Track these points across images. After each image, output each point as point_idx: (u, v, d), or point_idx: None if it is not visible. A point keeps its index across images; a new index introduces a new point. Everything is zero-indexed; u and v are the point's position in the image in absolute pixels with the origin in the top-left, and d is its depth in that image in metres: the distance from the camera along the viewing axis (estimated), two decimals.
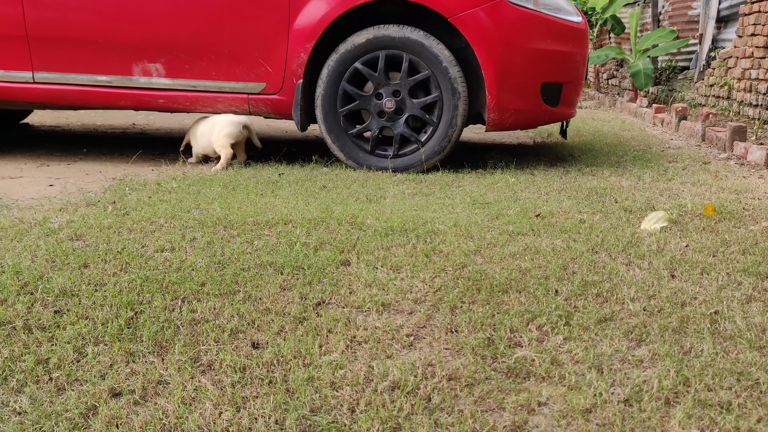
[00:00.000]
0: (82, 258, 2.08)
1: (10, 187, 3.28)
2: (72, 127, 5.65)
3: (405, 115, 3.85)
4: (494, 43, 3.75)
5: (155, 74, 3.87)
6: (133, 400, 1.36)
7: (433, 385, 1.44)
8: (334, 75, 3.82)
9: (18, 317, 1.68)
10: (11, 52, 3.86)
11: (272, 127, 5.99)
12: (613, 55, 8.36)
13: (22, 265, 2.00)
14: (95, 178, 3.57)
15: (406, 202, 3.06)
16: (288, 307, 1.79)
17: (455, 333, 1.69)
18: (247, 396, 1.38)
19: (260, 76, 3.86)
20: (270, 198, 3.04)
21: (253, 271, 2.02)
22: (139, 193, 3.07)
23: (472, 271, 2.09)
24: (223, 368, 1.48)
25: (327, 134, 3.89)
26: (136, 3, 3.79)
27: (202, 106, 3.95)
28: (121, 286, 1.88)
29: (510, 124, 3.95)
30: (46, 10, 3.81)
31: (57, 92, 3.91)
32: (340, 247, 2.29)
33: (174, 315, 1.72)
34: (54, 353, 1.51)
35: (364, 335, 1.66)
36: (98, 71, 3.88)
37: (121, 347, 1.55)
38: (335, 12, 3.75)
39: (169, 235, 2.34)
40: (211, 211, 2.71)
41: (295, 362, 1.51)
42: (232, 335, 1.63)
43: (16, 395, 1.36)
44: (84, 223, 2.46)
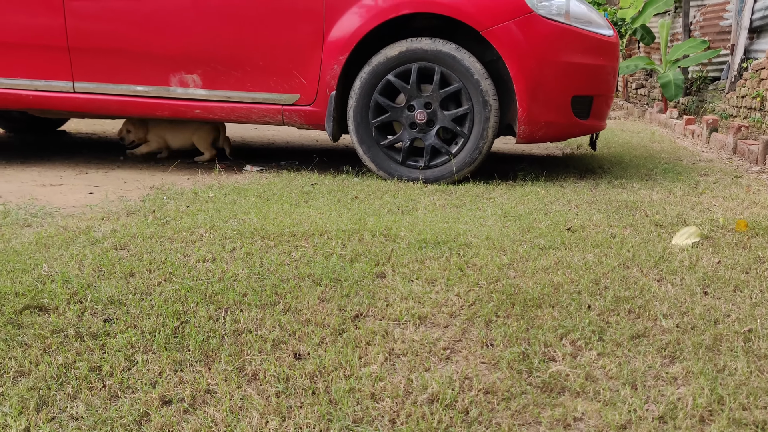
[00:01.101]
0: (127, 267, 2.15)
1: (52, 195, 3.37)
2: (108, 134, 5.77)
3: (436, 127, 3.89)
4: (526, 56, 3.78)
5: (192, 85, 3.96)
6: (182, 408, 1.42)
7: (470, 398, 1.48)
8: (367, 87, 3.88)
9: (69, 325, 1.75)
10: (53, 63, 3.97)
11: (303, 136, 6.07)
12: (643, 65, 8.33)
13: (71, 274, 2.08)
14: (133, 186, 3.66)
15: (438, 214, 3.10)
16: (327, 319, 1.84)
17: (491, 347, 1.73)
18: (291, 406, 1.43)
19: (294, 87, 3.94)
20: (304, 208, 3.10)
21: (292, 283, 2.08)
22: (177, 202, 3.14)
23: (505, 285, 2.13)
24: (268, 378, 1.53)
25: (359, 145, 3.95)
26: (175, 16, 3.89)
27: (236, 117, 4.03)
28: (166, 295, 1.94)
29: (540, 137, 3.98)
30: (88, 22, 3.92)
31: (96, 102, 4.02)
32: (375, 259, 2.34)
33: (218, 325, 1.78)
34: (106, 361, 1.58)
35: (402, 348, 1.71)
36: (136, 82, 3.98)
37: (169, 356, 1.61)
38: (369, 25, 3.81)
39: (209, 246, 2.41)
40: (248, 221, 2.77)
41: (337, 373, 1.56)
42: (275, 346, 1.69)
43: (72, 401, 1.43)
44: (127, 232, 2.54)
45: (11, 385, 1.47)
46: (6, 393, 1.44)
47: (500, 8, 3.80)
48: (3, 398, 1.42)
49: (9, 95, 3.99)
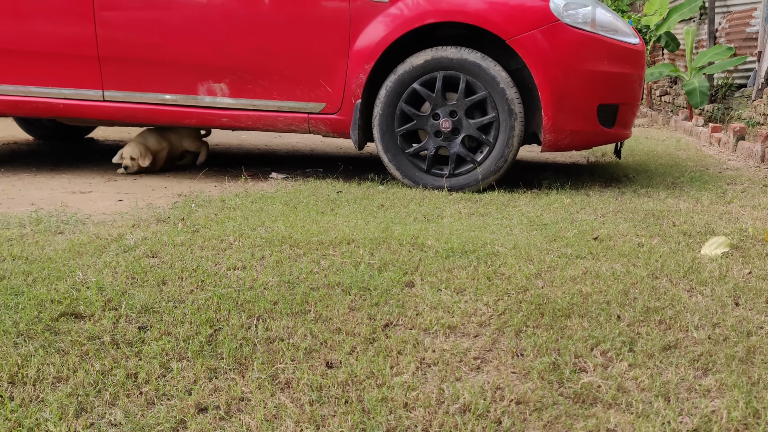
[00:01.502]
0: (159, 275, 2.18)
1: (82, 202, 3.43)
2: None
3: (461, 135, 3.90)
4: (551, 64, 3.79)
5: (219, 94, 4.01)
6: (218, 416, 1.44)
7: (502, 408, 1.48)
8: (392, 95, 3.90)
9: (105, 332, 1.78)
10: (83, 72, 4.03)
11: (327, 143, 6.11)
12: (667, 72, 8.28)
13: (105, 281, 2.11)
14: (161, 193, 3.71)
15: (464, 223, 3.11)
16: (358, 328, 1.86)
17: (521, 357, 1.74)
18: (325, 415, 1.44)
19: (320, 96, 3.97)
20: (330, 216, 3.12)
21: (322, 291, 2.10)
22: (206, 210, 3.18)
23: (534, 295, 2.13)
24: (301, 387, 1.55)
25: (384, 153, 3.97)
26: (203, 25, 3.94)
27: (263, 125, 4.07)
28: (198, 303, 1.97)
29: (566, 145, 3.98)
30: (117, 31, 3.98)
31: (125, 110, 4.07)
32: (403, 268, 2.35)
33: (251, 333, 1.80)
34: (142, 368, 1.60)
35: (433, 357, 1.72)
36: (165, 90, 4.03)
37: (204, 363, 1.63)
38: (394, 34, 3.84)
39: (239, 254, 2.44)
40: (276, 229, 2.80)
41: (369, 383, 1.57)
42: (307, 354, 1.70)
43: (110, 408, 1.46)
44: (158, 240, 2.57)
45: (50, 391, 1.50)
46: (46, 399, 1.47)
47: (526, 17, 3.80)
48: (43, 404, 1.45)
49: (40, 104, 4.06)
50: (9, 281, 2.09)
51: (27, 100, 4.08)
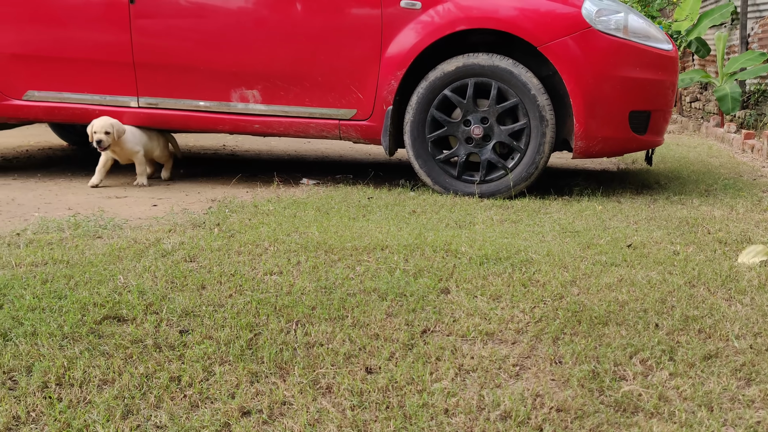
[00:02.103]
0: (198, 279, 2.21)
1: (118, 207, 3.48)
2: None
3: (492, 142, 3.90)
4: (583, 71, 3.78)
5: (252, 100, 4.05)
6: (261, 420, 1.45)
7: (543, 415, 1.48)
8: (423, 102, 3.92)
9: (148, 336, 1.81)
10: (119, 78, 4.10)
11: (356, 149, 6.13)
12: (698, 78, 8.20)
13: (145, 285, 2.15)
14: (195, 198, 3.76)
15: (496, 229, 3.11)
16: (395, 334, 1.87)
17: (559, 364, 1.74)
18: (367, 420, 1.46)
19: (351, 102, 3.99)
20: (363, 222, 3.14)
21: (358, 297, 2.11)
22: (239, 215, 3.21)
23: (570, 302, 2.13)
24: (342, 392, 1.56)
25: (415, 159, 3.98)
26: (237, 32, 3.98)
27: (295, 132, 4.10)
28: (238, 307, 2.00)
29: (597, 152, 3.96)
30: (153, 39, 4.05)
31: (159, 116, 4.13)
32: (438, 274, 2.36)
33: (290, 338, 1.82)
34: (185, 371, 1.63)
35: (472, 364, 1.72)
36: (198, 97, 4.09)
37: (245, 367, 1.65)
38: (426, 41, 3.85)
39: (275, 259, 2.46)
40: (310, 235, 2.82)
41: (409, 388, 1.58)
42: (346, 359, 1.72)
43: (156, 410, 1.48)
44: (195, 245, 2.61)
45: (97, 393, 1.53)
46: (93, 401, 1.50)
47: (557, 24, 3.80)
48: (91, 406, 1.48)
49: (77, 110, 4.13)
50: (52, 284, 2.13)
51: (63, 107, 4.16)
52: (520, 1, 3.86)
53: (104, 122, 3.93)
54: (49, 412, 1.45)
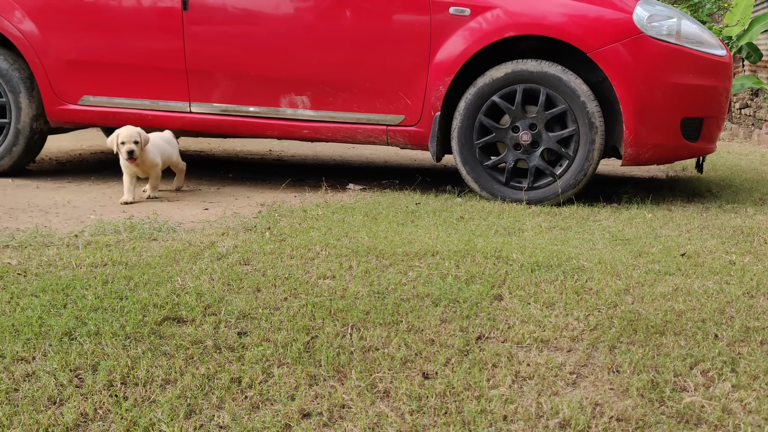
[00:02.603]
0: (253, 282, 2.25)
1: (170, 210, 3.55)
2: (214, 152, 6.01)
3: (540, 148, 3.88)
4: (634, 78, 3.74)
5: (301, 106, 4.09)
6: (321, 422, 1.47)
7: (603, 425, 1.47)
8: (472, 108, 3.91)
9: (207, 337, 1.84)
10: (171, 84, 4.18)
11: (400, 155, 6.15)
12: (749, 84, 8.04)
13: (203, 287, 2.19)
14: (244, 203, 3.81)
15: (545, 236, 3.09)
16: (451, 340, 1.87)
17: (617, 373, 1.72)
18: (426, 425, 1.46)
19: (399, 108, 4.01)
20: (411, 228, 3.15)
21: (412, 302, 2.12)
22: (289, 219, 3.25)
23: (624, 311, 2.11)
24: (400, 396, 1.57)
25: (462, 165, 3.98)
26: (287, 39, 4.03)
27: (342, 137, 4.13)
28: (293, 311, 2.02)
29: (647, 159, 3.91)
30: (205, 45, 4.12)
31: (211, 122, 4.20)
32: (490, 281, 2.35)
33: (346, 341, 1.84)
34: (245, 373, 1.65)
35: (528, 371, 1.72)
36: (249, 103, 4.14)
37: (303, 370, 1.67)
38: (474, 48, 3.85)
39: (327, 263, 2.48)
40: (360, 239, 2.84)
41: (467, 394, 1.58)
42: (403, 364, 1.73)
43: (218, 410, 1.51)
44: (248, 248, 2.64)
45: (160, 392, 1.57)
46: (157, 400, 1.53)
47: (608, 30, 3.76)
48: (155, 405, 1.51)
49: (131, 115, 4.22)
50: (112, 285, 2.18)
51: (117, 111, 4.26)
52: (569, 8, 3.83)
53: (131, 131, 3.67)
54: (116, 410, 1.49)
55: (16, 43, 4.24)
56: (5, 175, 4.35)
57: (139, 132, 3.70)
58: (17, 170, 4.41)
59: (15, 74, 4.26)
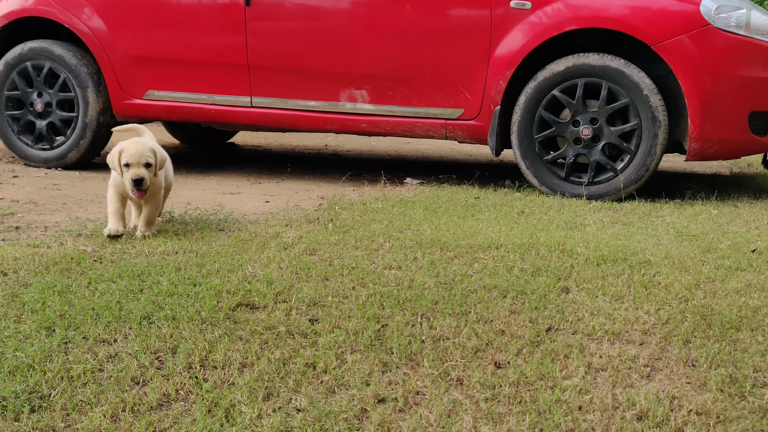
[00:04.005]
0: (321, 272, 2.28)
1: (233, 203, 3.61)
2: (271, 147, 6.09)
3: (602, 143, 3.83)
4: (700, 71, 3.66)
5: (360, 100, 4.12)
6: (397, 408, 1.49)
7: (682, 418, 1.45)
8: (532, 102, 3.89)
9: (280, 323, 1.87)
10: (234, 79, 4.25)
11: (456, 150, 6.14)
12: None
13: (272, 275, 2.23)
14: (304, 196, 3.85)
15: (608, 231, 3.05)
16: (521, 331, 1.87)
17: (693, 367, 1.70)
18: (501, 412, 1.47)
19: (459, 102, 4.00)
20: (472, 221, 3.14)
21: (480, 293, 2.12)
22: (350, 212, 3.28)
23: (697, 306, 2.07)
24: (473, 384, 1.58)
25: (521, 160, 3.95)
26: (347, 34, 4.06)
27: (401, 131, 4.14)
28: (362, 299, 2.04)
29: (712, 154, 3.83)
30: (267, 41, 4.18)
31: (271, 116, 4.26)
32: (556, 273, 2.34)
33: (416, 330, 1.85)
34: (319, 358, 1.68)
35: (601, 363, 1.70)
36: (309, 97, 4.19)
37: (376, 357, 1.69)
38: (535, 42, 3.82)
39: (392, 254, 2.50)
40: (423, 232, 2.85)
41: (540, 384, 1.58)
42: (474, 354, 1.73)
43: (295, 394, 1.54)
44: (313, 239, 2.68)
45: (238, 375, 1.60)
46: (235, 382, 1.57)
47: (673, 21, 3.69)
48: (234, 387, 1.55)
49: (194, 109, 4.31)
50: (185, 272, 2.24)
51: (181, 106, 4.35)
52: (632, 0, 3.78)
53: (142, 149, 2.63)
54: (197, 391, 1.53)
55: (85, 39, 4.36)
56: (73, 167, 4.49)
57: (154, 149, 2.68)
58: (84, 163, 4.54)
59: (83, 69, 4.38)
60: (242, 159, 5.28)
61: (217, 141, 5.97)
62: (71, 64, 4.38)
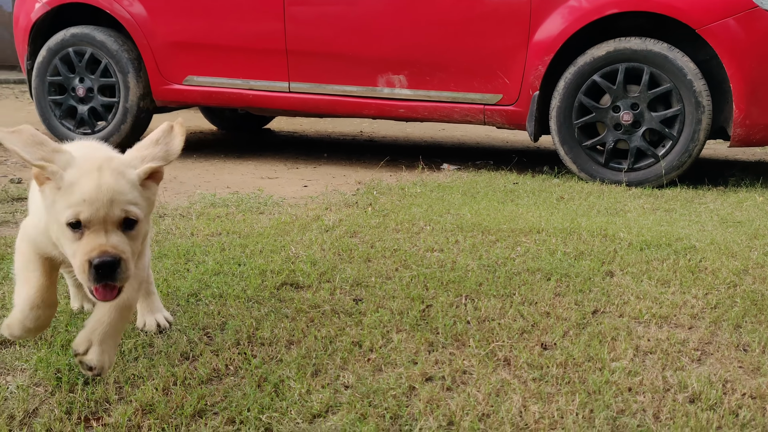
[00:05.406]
0: (363, 253, 2.28)
1: (272, 187, 3.63)
2: (307, 133, 6.11)
3: (642, 129, 3.78)
4: (746, 54, 3.58)
5: (398, 85, 4.11)
6: (445, 386, 1.49)
7: (735, 401, 1.43)
8: (571, 87, 3.84)
9: (325, 302, 1.88)
10: (272, 65, 4.27)
11: (492, 137, 6.10)
12: None
13: (315, 256, 2.24)
14: (342, 180, 3.86)
15: (650, 217, 3.01)
16: (566, 313, 1.85)
17: (745, 351, 1.67)
18: (550, 392, 1.46)
19: (497, 87, 3.97)
20: (512, 206, 3.12)
21: (523, 276, 2.11)
22: (388, 197, 3.28)
23: (746, 291, 2.04)
24: (520, 365, 1.57)
25: (560, 146, 3.91)
26: (385, 20, 4.05)
27: (438, 116, 4.13)
28: (405, 280, 2.04)
29: (758, 140, 3.75)
30: (305, 27, 4.18)
31: (309, 101, 4.27)
32: (600, 257, 2.32)
33: (461, 311, 1.85)
34: (365, 337, 1.68)
35: (649, 346, 1.68)
36: (346, 82, 4.19)
37: (422, 337, 1.69)
38: (575, 26, 3.77)
39: (433, 237, 2.50)
40: (463, 216, 2.84)
41: (588, 365, 1.57)
42: (521, 335, 1.72)
43: (342, 371, 1.54)
44: (354, 222, 2.69)
45: (285, 352, 1.61)
46: (283, 359, 1.58)
47: (718, 4, 3.61)
48: (282, 363, 1.56)
49: (233, 94, 4.34)
50: (229, 252, 2.26)
51: (220, 91, 4.38)
52: None
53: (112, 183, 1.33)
54: (246, 366, 1.54)
55: (126, 25, 4.41)
56: None
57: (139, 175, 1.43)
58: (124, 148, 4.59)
59: (124, 55, 4.43)
60: (279, 145, 5.30)
61: (253, 127, 6.00)
62: (112, 49, 4.44)
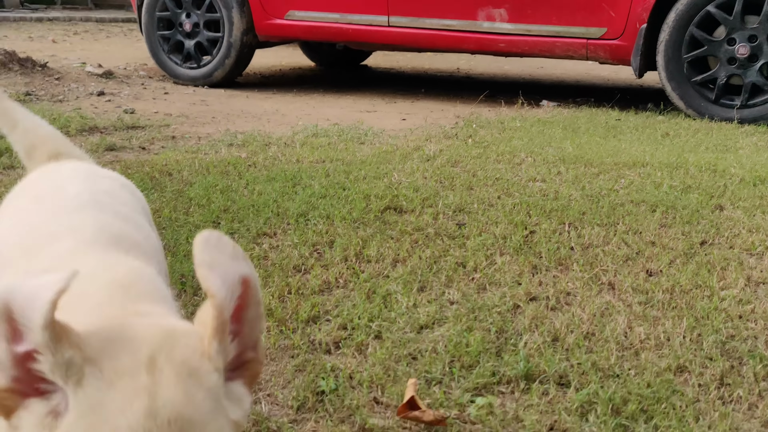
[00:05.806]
0: (465, 181, 2.31)
1: (371, 119, 3.67)
2: (403, 69, 6.10)
3: (760, 62, 3.58)
4: None
5: (498, 19, 4.03)
6: (549, 306, 1.51)
7: None
8: (683, 19, 3.67)
9: (428, 226, 1.93)
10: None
11: (592, 75, 5.92)
12: None
13: (417, 183, 2.28)
14: (440, 115, 3.86)
15: (764, 154, 2.89)
16: (672, 243, 1.83)
17: None
18: (656, 316, 1.46)
19: (602, 21, 3.84)
20: (614, 141, 3.06)
21: (627, 207, 2.09)
22: (487, 130, 3.26)
23: None
24: (625, 289, 1.58)
25: (668, 81, 3.77)
26: None
27: (539, 51, 4.04)
28: (508, 207, 2.06)
29: None
30: None
31: (408, 35, 4.25)
32: (708, 191, 2.26)
33: (563, 238, 1.86)
34: (468, 258, 1.72)
35: (762, 276, 1.65)
36: (446, 16, 4.14)
37: (525, 260, 1.71)
38: None
39: (535, 168, 2.49)
40: (564, 149, 2.81)
41: (695, 293, 1.56)
42: (625, 261, 1.72)
43: (447, 288, 1.59)
44: (454, 152, 2.70)
45: (391, 269, 1.67)
46: (390, 275, 1.64)
47: None
48: (389, 279, 1.62)
49: (333, 29, 4.37)
50: (334, 177, 2.33)
51: (321, 26, 4.41)
52: None
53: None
54: (354, 280, 1.61)
55: None
56: (218, 86, 4.69)
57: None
58: (228, 82, 4.73)
59: None
60: (376, 80, 5.33)
61: (351, 63, 6.04)
62: None
